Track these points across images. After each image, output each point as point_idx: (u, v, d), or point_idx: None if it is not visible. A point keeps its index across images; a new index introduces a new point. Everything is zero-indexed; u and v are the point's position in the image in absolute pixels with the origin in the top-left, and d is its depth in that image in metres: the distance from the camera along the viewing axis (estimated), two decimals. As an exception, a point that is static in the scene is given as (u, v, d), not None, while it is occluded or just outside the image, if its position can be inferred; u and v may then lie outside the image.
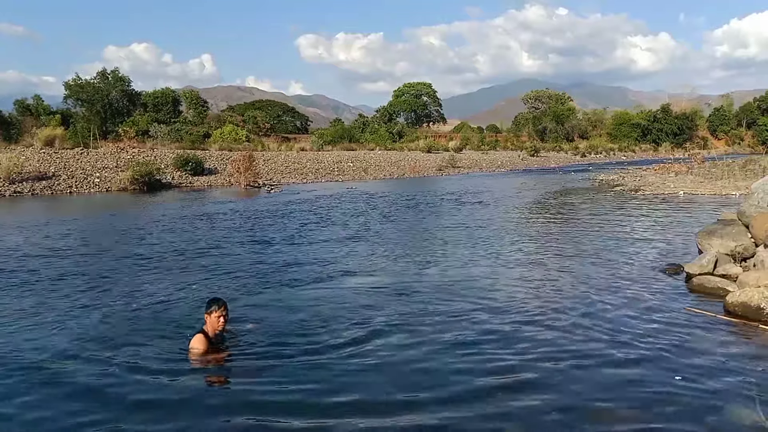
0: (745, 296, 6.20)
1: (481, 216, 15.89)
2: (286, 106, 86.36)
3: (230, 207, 18.53)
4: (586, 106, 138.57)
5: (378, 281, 8.11)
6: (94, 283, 8.06)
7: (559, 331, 5.78)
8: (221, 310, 5.18)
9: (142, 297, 7.25)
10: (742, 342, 5.52)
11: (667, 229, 12.58)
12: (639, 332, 5.70)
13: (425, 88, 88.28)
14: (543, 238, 12.01)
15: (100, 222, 15.30)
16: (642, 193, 22.08)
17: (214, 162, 32.71)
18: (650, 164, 45.55)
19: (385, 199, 21.30)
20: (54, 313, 6.52)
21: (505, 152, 61.79)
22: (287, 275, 8.51)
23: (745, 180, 22.54)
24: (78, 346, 5.42)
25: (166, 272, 8.78)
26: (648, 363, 4.93)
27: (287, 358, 5.10)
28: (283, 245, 11.20)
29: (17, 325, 6.10)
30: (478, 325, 5.99)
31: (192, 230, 13.28)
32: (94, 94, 49.90)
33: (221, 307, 5.20)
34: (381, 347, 5.36)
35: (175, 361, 5.05)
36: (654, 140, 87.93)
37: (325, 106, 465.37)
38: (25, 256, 10.00)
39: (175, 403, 4.27)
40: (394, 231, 13.29)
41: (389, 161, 42.83)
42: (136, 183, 25.24)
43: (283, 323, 6.14)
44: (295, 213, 16.71)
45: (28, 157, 26.76)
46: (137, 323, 6.16)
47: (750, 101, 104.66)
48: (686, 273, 7.81)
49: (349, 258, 9.89)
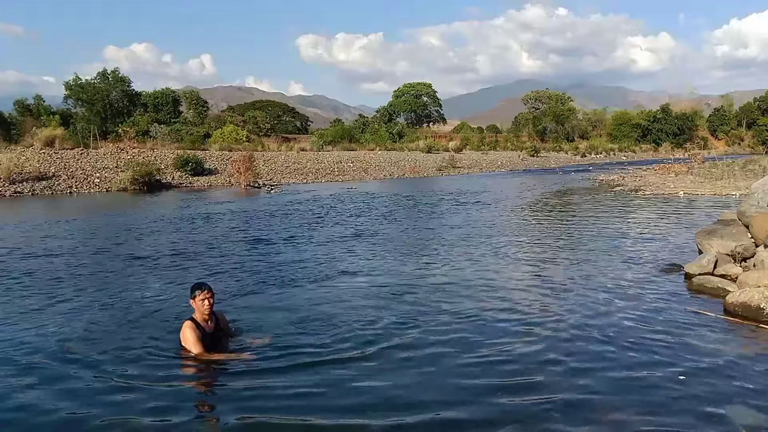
0: (745, 296, 6.20)
1: (481, 216, 15.89)
2: (286, 106, 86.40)
3: (230, 207, 18.54)
4: (586, 107, 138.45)
5: (378, 281, 8.10)
6: (91, 283, 8.06)
7: (558, 331, 5.77)
8: (205, 293, 5.05)
9: (139, 297, 7.25)
10: (742, 342, 5.52)
11: (667, 229, 12.58)
12: (638, 332, 5.69)
13: (425, 88, 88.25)
14: (543, 238, 12.00)
15: (99, 222, 15.30)
16: (642, 193, 22.07)
17: (214, 162, 32.72)
18: (650, 164, 45.57)
19: (386, 199, 21.30)
20: (49, 313, 6.52)
21: (505, 152, 61.77)
22: (287, 275, 8.51)
23: (745, 180, 22.53)
24: (72, 345, 5.41)
25: (165, 272, 8.78)
26: (647, 363, 4.92)
27: (287, 357, 5.09)
28: (284, 245, 11.20)
29: (12, 325, 6.10)
30: (477, 325, 5.99)
31: (192, 230, 13.28)
32: (94, 94, 49.93)
33: (204, 290, 5.07)
34: (381, 347, 5.35)
35: (168, 358, 5.05)
36: (654, 140, 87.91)
37: (325, 107, 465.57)
38: (25, 256, 10.00)
39: (167, 401, 4.26)
40: (395, 231, 13.29)
41: (389, 161, 42.84)
42: (136, 183, 25.26)
43: (282, 323, 6.13)
44: (295, 213, 16.71)
45: (28, 157, 26.78)
46: (132, 323, 6.13)
47: (750, 101, 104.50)
48: (686, 273, 7.81)
49: (350, 258, 9.88)
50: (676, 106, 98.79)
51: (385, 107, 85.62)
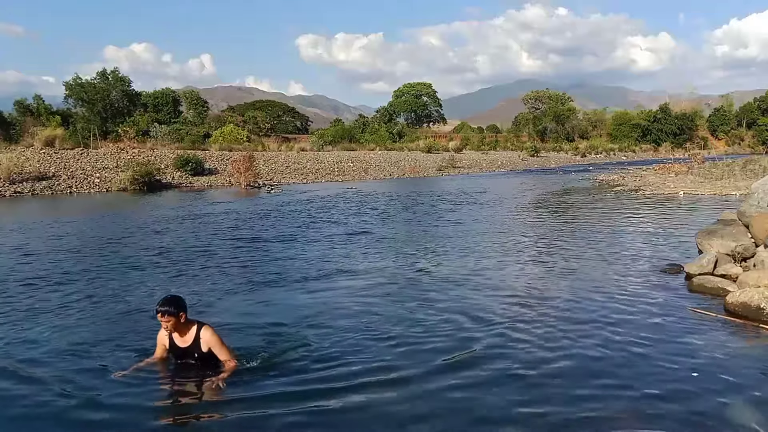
0: (745, 296, 6.20)
1: (481, 216, 15.89)
2: (287, 106, 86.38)
3: (230, 207, 18.54)
4: (587, 107, 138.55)
5: (379, 281, 8.09)
6: (88, 283, 8.05)
7: (558, 330, 5.77)
8: (158, 315, 4.58)
9: (137, 297, 7.24)
10: (743, 342, 5.52)
11: (667, 229, 12.58)
12: (638, 332, 5.69)
13: (425, 88, 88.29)
14: (542, 238, 12.00)
15: (99, 222, 15.29)
16: (642, 193, 22.07)
17: (214, 162, 32.73)
18: (650, 164, 45.55)
19: (386, 200, 21.30)
20: (43, 313, 6.51)
21: (506, 152, 61.79)
22: (287, 275, 8.50)
23: (745, 180, 22.52)
24: (65, 347, 5.41)
25: (163, 273, 8.77)
26: (647, 363, 4.92)
27: (284, 354, 5.09)
28: (284, 245, 11.20)
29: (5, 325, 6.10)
30: (478, 325, 5.98)
31: (192, 231, 13.28)
32: (95, 94, 49.93)
33: (158, 313, 4.57)
34: (381, 347, 5.36)
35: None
36: (654, 140, 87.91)
37: (326, 107, 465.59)
38: (24, 256, 10.00)
39: (144, 407, 4.19)
40: (395, 231, 13.29)
41: (389, 161, 42.84)
42: (136, 183, 25.26)
43: (282, 323, 6.12)
44: (295, 213, 16.71)
45: (28, 157, 26.78)
46: (128, 324, 6.12)
47: (750, 101, 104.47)
48: (686, 273, 7.81)
49: (350, 258, 9.87)
50: (676, 106, 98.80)
51: (385, 107, 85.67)
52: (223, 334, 4.90)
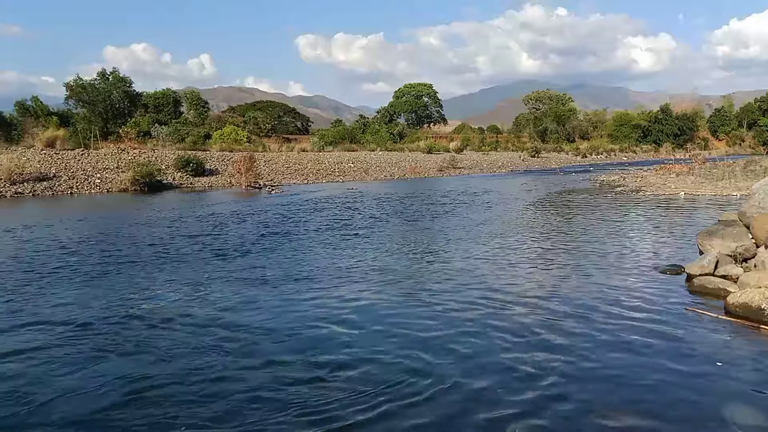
0: (746, 297, 6.20)
1: (481, 217, 15.89)
2: (287, 106, 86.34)
3: (231, 208, 18.54)
4: (587, 107, 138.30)
5: (379, 281, 8.11)
6: (85, 283, 8.06)
7: (558, 331, 5.78)
8: None
9: (136, 298, 7.25)
10: (743, 343, 5.52)
11: (668, 229, 12.58)
12: (639, 333, 5.69)
13: (426, 88, 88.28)
14: (543, 238, 12.00)
15: (99, 223, 15.30)
16: (643, 193, 22.07)
17: (215, 163, 32.73)
18: (651, 165, 45.54)
19: (386, 200, 21.29)
20: (37, 314, 6.53)
21: (506, 153, 61.77)
22: (287, 275, 8.51)
23: (746, 181, 22.52)
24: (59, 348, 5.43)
25: (161, 274, 8.78)
26: (648, 363, 4.93)
27: (281, 354, 5.10)
28: (284, 245, 11.20)
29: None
30: (477, 325, 5.99)
31: (191, 231, 13.28)
32: (96, 95, 49.93)
33: None
34: (382, 347, 5.37)
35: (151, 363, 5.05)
36: (655, 141, 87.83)
37: (326, 107, 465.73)
38: (22, 256, 10.01)
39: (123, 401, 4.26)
40: (396, 231, 13.29)
41: (390, 162, 42.82)
42: (137, 184, 25.26)
43: (280, 323, 6.14)
44: (296, 213, 16.71)
45: (29, 158, 26.78)
46: (124, 325, 6.15)
47: (751, 102, 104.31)
48: (687, 274, 7.81)
49: (350, 257, 9.88)
50: (676, 107, 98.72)
51: (386, 108, 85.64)
52: (223, 333, 4.92)
